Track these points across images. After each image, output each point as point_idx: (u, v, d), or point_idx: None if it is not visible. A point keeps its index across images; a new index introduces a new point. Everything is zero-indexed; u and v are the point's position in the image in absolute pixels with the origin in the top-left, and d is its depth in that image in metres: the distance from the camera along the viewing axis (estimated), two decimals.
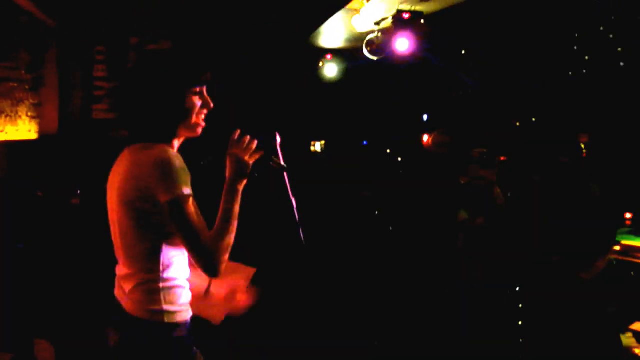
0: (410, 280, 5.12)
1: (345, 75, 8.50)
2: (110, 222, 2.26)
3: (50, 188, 5.19)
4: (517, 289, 4.22)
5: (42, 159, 5.79)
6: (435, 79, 8.13)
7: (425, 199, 4.94)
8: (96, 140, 6.09)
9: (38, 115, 6.06)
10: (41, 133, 6.07)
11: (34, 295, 4.31)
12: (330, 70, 8.42)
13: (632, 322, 3.74)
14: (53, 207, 5.04)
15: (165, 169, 2.05)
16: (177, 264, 2.21)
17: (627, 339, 3.72)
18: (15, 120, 5.77)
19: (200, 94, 2.24)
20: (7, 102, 5.71)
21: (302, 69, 8.20)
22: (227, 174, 2.23)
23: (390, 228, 5.98)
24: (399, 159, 8.39)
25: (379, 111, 8.73)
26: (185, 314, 2.24)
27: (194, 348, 2.30)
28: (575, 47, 7.19)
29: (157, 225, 2.12)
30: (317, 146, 9.07)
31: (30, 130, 5.96)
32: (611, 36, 6.83)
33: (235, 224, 2.18)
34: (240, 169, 2.22)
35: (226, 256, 2.14)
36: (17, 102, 5.82)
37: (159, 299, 2.16)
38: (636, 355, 3.62)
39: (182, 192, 2.06)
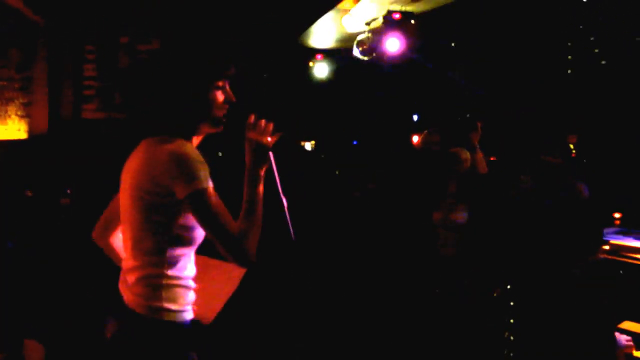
0: (401, 279, 5.14)
1: (336, 75, 8.52)
2: (121, 215, 2.22)
3: (40, 187, 5.17)
4: (508, 286, 4.24)
5: (32, 158, 5.77)
6: (424, 80, 8.16)
7: (414, 197, 4.96)
8: (86, 139, 6.08)
9: (27, 114, 6.04)
10: (31, 132, 6.05)
11: (23, 295, 4.30)
12: (321, 70, 8.44)
13: (621, 321, 3.76)
14: (43, 206, 5.02)
15: (182, 163, 2.01)
16: (183, 262, 2.16)
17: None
18: (5, 119, 5.75)
19: (223, 89, 2.19)
20: None
21: (293, 69, 8.21)
22: (247, 160, 2.17)
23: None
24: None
25: (369, 111, 8.75)
26: (186, 314, 2.18)
27: (191, 353, 2.26)
28: (565, 48, 7.23)
29: (168, 220, 2.07)
30: (307, 146, 9.09)
31: (19, 130, 5.94)
32: (592, 38, 6.88)
33: (260, 210, 2.12)
34: (260, 153, 2.15)
35: (256, 244, 2.09)
36: (7, 102, 5.81)
37: (160, 295, 2.11)
38: (627, 354, 3.65)
39: (202, 185, 2.00)
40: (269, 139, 2.17)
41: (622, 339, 3.69)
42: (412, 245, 4.90)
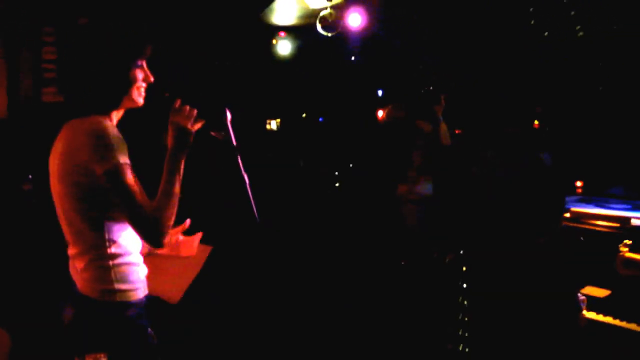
0: (367, 252, 5.17)
1: (300, 52, 8.47)
2: (55, 203, 2.23)
3: (1, 173, 5.09)
4: (461, 252, 4.29)
5: None
6: (388, 54, 8.15)
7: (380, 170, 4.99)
8: (46, 123, 5.99)
9: None
10: None
11: None
12: (284, 47, 8.38)
13: (583, 286, 3.84)
14: (4, 192, 4.95)
15: (99, 139, 2.03)
16: (124, 239, 2.18)
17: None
18: None
19: (141, 67, 2.22)
20: None
21: (255, 47, 8.15)
22: (169, 143, 2.21)
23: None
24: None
25: (334, 88, 8.73)
26: (139, 292, 2.22)
27: (149, 329, 2.29)
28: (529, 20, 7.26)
29: (97, 199, 2.09)
30: (273, 124, 9.04)
31: None
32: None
33: (177, 194, 2.16)
34: (182, 138, 2.20)
35: (169, 227, 2.12)
36: None
37: (109, 277, 2.13)
38: (586, 318, 3.73)
39: (119, 161, 2.03)
40: (192, 124, 2.22)
41: (580, 300, 3.77)
42: (377, 218, 4.94)
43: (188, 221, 2.55)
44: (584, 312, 3.70)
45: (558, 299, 3.78)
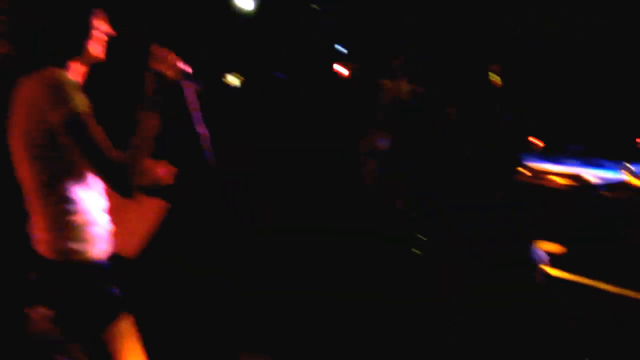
0: (328, 207, 5.17)
1: (262, 7, 8.36)
2: (15, 162, 2.15)
3: None
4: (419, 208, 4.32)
5: None
6: (348, 9, 8.10)
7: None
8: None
9: None
10: None
11: None
12: (246, 1, 8.23)
13: (538, 240, 3.91)
14: None
15: (55, 87, 1.95)
16: (82, 196, 2.10)
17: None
18: None
19: (97, 16, 2.15)
20: None
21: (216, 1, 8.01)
22: (146, 90, 2.13)
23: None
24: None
25: (296, 45, 8.67)
26: (96, 251, 2.14)
27: (113, 288, 2.24)
28: None
29: (54, 155, 2.01)
30: (235, 80, 8.93)
31: None
32: None
33: (151, 142, 2.08)
34: (161, 85, 2.12)
35: (138, 176, 2.04)
36: None
37: (64, 236, 2.07)
38: (543, 271, 3.81)
39: (77, 109, 1.94)
40: (171, 70, 2.16)
41: (543, 255, 3.85)
42: (338, 174, 4.96)
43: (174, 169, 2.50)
44: (544, 267, 3.77)
45: (515, 254, 3.86)
